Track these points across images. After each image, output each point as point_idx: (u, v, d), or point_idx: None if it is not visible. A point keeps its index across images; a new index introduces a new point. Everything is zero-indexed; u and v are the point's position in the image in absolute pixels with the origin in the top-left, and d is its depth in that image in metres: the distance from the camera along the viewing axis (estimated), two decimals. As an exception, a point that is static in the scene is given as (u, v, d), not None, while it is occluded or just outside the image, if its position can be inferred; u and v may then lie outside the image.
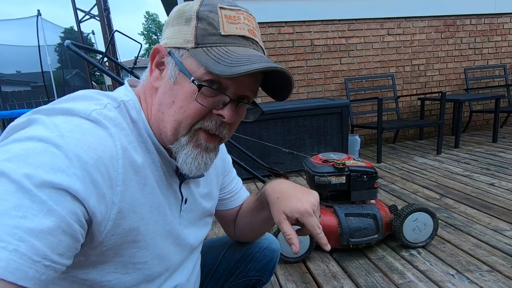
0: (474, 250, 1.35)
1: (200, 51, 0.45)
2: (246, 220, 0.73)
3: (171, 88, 0.47)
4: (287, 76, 0.48)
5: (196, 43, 0.45)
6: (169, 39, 0.48)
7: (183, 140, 0.48)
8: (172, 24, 0.49)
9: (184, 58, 0.46)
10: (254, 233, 0.77)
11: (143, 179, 0.47)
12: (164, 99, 0.48)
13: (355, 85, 3.49)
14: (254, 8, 2.65)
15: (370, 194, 1.45)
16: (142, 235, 0.48)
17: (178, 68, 0.46)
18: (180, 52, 0.47)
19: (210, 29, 0.45)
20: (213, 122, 0.48)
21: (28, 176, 0.33)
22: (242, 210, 0.75)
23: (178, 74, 0.47)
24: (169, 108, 0.47)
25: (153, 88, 0.50)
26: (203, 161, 0.49)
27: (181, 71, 0.46)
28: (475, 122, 3.96)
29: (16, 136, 0.38)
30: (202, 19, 0.45)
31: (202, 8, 0.46)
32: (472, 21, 3.66)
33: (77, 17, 7.89)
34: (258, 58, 0.45)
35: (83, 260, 0.43)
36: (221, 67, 0.42)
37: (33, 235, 0.32)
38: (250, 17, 0.49)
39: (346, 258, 1.37)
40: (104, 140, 0.41)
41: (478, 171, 2.38)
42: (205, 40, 0.45)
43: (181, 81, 0.46)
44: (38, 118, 0.40)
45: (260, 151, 2.54)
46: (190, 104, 0.46)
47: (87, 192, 0.37)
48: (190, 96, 0.46)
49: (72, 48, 1.20)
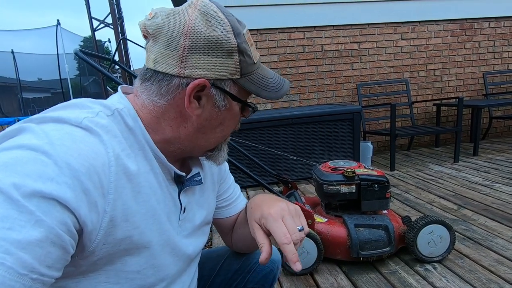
0: (495, 266, 1.26)
1: (246, 81, 0.50)
2: (240, 232, 0.71)
3: (218, 114, 0.51)
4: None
5: (241, 74, 0.50)
6: (209, 71, 0.47)
7: (223, 144, 0.58)
8: (205, 53, 0.46)
9: (231, 87, 0.50)
10: (246, 247, 0.75)
11: (136, 187, 0.46)
12: (210, 124, 0.52)
13: (367, 90, 3.42)
14: (264, 14, 2.65)
15: (382, 204, 1.38)
16: (136, 243, 0.46)
17: (230, 98, 0.51)
18: (226, 82, 0.50)
19: (249, 60, 0.50)
20: None
21: (16, 186, 0.33)
22: (237, 222, 0.73)
23: (227, 101, 0.51)
24: (215, 129, 0.53)
25: (179, 113, 0.50)
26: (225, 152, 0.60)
27: (234, 101, 0.52)
28: (495, 129, 3.79)
29: (5, 144, 0.37)
30: (243, 52, 0.49)
31: (239, 41, 0.48)
32: (491, 24, 3.54)
33: (92, 25, 8.17)
34: (279, 77, 0.57)
35: (73, 270, 0.42)
36: (269, 94, 0.53)
37: (20, 247, 0.31)
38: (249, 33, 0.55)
39: (356, 272, 1.30)
40: (96, 148, 0.41)
41: (499, 180, 2.26)
42: (246, 70, 0.50)
43: (231, 106, 0.52)
44: (28, 127, 0.39)
45: (268, 158, 2.50)
46: (234, 121, 0.55)
47: (78, 201, 0.37)
48: (237, 115, 0.54)
49: (80, 55, 1.21)
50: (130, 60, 8.42)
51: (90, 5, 8.02)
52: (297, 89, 3.31)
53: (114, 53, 1.23)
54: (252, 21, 3.00)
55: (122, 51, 7.85)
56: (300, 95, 3.33)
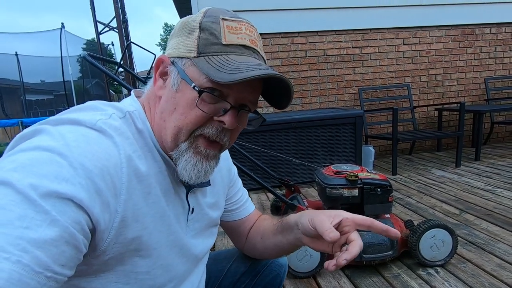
0: (497, 271, 1.26)
1: (202, 60, 0.46)
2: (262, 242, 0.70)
3: (173, 96, 0.48)
4: (286, 83, 0.48)
5: (198, 52, 0.47)
6: (173, 49, 0.50)
7: (183, 146, 0.48)
8: (177, 35, 0.51)
9: (187, 67, 0.48)
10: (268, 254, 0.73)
11: (147, 188, 0.47)
12: (166, 107, 0.49)
13: (369, 95, 3.43)
14: (267, 19, 2.68)
15: (384, 208, 1.39)
16: (145, 244, 0.47)
17: (180, 76, 0.48)
18: (183, 61, 0.48)
19: (212, 39, 0.46)
20: (214, 129, 0.49)
21: (33, 186, 0.34)
22: (257, 230, 0.73)
23: (180, 82, 0.48)
24: (171, 115, 0.48)
25: (156, 97, 0.51)
26: (202, 169, 0.49)
27: (183, 79, 0.47)
28: (497, 134, 3.80)
29: (22, 146, 0.39)
30: (205, 29, 0.47)
31: (205, 20, 0.48)
32: (492, 29, 3.56)
33: (97, 29, 8.25)
34: (257, 65, 0.46)
35: (85, 269, 0.43)
36: (221, 74, 0.43)
37: (36, 246, 0.32)
38: (251, 28, 0.50)
39: (358, 275, 1.31)
40: (109, 149, 0.42)
41: (501, 185, 2.26)
42: (206, 49, 0.46)
43: (183, 88, 0.48)
44: (44, 128, 0.41)
45: (271, 162, 2.51)
46: (191, 110, 0.47)
47: (92, 201, 0.38)
48: (191, 103, 0.47)
49: (88, 59, 1.23)
50: (134, 63, 8.48)
51: (95, 8, 8.10)
52: (300, 93, 3.33)
53: (122, 57, 1.26)
54: (255, 26, 3.03)
55: (126, 55, 7.91)
56: (302, 99, 3.35)
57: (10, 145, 0.41)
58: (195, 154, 0.49)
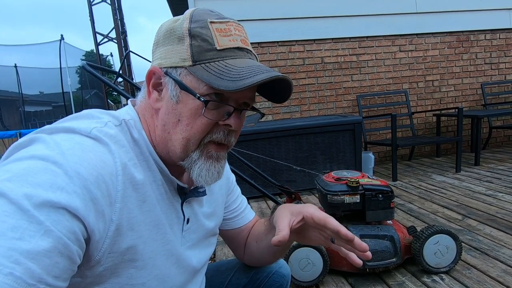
0: (503, 277, 1.24)
1: (199, 68, 0.45)
2: (257, 246, 0.70)
3: (174, 108, 0.47)
4: (288, 82, 0.49)
5: (194, 60, 0.46)
6: (163, 59, 0.48)
7: (194, 155, 0.49)
8: (163, 43, 0.49)
9: (183, 77, 0.47)
10: (262, 260, 0.73)
11: (142, 196, 0.47)
12: (169, 119, 0.48)
13: (367, 101, 3.45)
14: (265, 28, 2.71)
15: (387, 214, 1.38)
16: (140, 253, 0.46)
17: (179, 87, 0.46)
18: (178, 71, 0.47)
19: (205, 45, 0.46)
20: (221, 133, 0.49)
21: (27, 196, 0.33)
22: (252, 235, 0.72)
23: (179, 93, 0.47)
24: (176, 127, 0.48)
25: (153, 110, 0.50)
26: (216, 171, 0.50)
27: (182, 90, 0.46)
28: (496, 139, 3.81)
29: (17, 155, 0.38)
30: (196, 36, 0.46)
31: (193, 26, 0.46)
32: (486, 36, 3.61)
33: (96, 40, 8.33)
34: (258, 68, 0.46)
35: (80, 281, 0.42)
36: (224, 82, 0.43)
37: (29, 258, 0.32)
38: (239, 27, 0.50)
39: (362, 283, 1.28)
40: (104, 157, 0.42)
41: (502, 190, 2.25)
42: (202, 56, 0.46)
43: (184, 99, 0.47)
44: (39, 137, 0.40)
45: (271, 169, 2.50)
46: (196, 120, 0.47)
47: (87, 210, 0.37)
48: (196, 113, 0.46)
49: (87, 69, 1.24)
50: (132, 73, 8.54)
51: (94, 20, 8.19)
52: (298, 100, 3.35)
53: (120, 66, 1.26)
54: (253, 35, 3.06)
55: (125, 64, 7.97)
56: (301, 106, 3.36)
57: (5, 154, 0.41)
58: (207, 159, 0.50)
